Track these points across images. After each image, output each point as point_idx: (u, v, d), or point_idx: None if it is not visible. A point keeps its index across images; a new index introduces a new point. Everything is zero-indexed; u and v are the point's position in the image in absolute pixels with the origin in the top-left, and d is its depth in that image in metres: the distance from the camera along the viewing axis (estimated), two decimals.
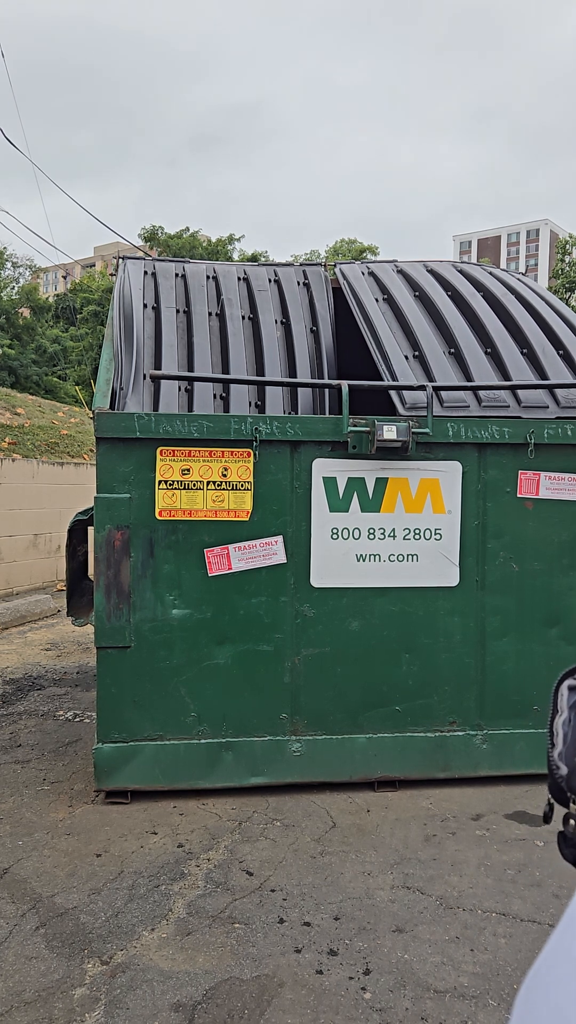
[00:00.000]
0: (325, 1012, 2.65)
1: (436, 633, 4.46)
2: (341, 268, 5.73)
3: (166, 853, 3.73)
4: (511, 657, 4.51)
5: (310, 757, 4.37)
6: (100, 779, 4.24)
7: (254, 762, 4.34)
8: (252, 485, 4.29)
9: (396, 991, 2.76)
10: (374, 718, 4.44)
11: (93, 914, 3.22)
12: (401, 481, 4.40)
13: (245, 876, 3.53)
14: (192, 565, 4.26)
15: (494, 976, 2.85)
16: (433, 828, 4.02)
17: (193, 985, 2.78)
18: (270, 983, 2.80)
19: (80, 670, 7.15)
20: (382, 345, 4.92)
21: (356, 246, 50.20)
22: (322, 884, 3.47)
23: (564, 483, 4.53)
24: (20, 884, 3.46)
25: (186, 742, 4.29)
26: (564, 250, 38.08)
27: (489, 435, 4.41)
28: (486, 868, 3.62)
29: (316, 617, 4.37)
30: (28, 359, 35.17)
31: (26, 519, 10.86)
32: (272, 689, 4.35)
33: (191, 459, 4.24)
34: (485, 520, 4.49)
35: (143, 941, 3.05)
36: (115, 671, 4.23)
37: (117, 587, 4.20)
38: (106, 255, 74.95)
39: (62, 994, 2.73)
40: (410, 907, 3.30)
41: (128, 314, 4.98)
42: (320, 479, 4.35)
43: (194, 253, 44.84)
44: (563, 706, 0.80)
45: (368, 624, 4.41)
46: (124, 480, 4.20)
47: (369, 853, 3.75)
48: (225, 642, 4.31)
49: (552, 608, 4.54)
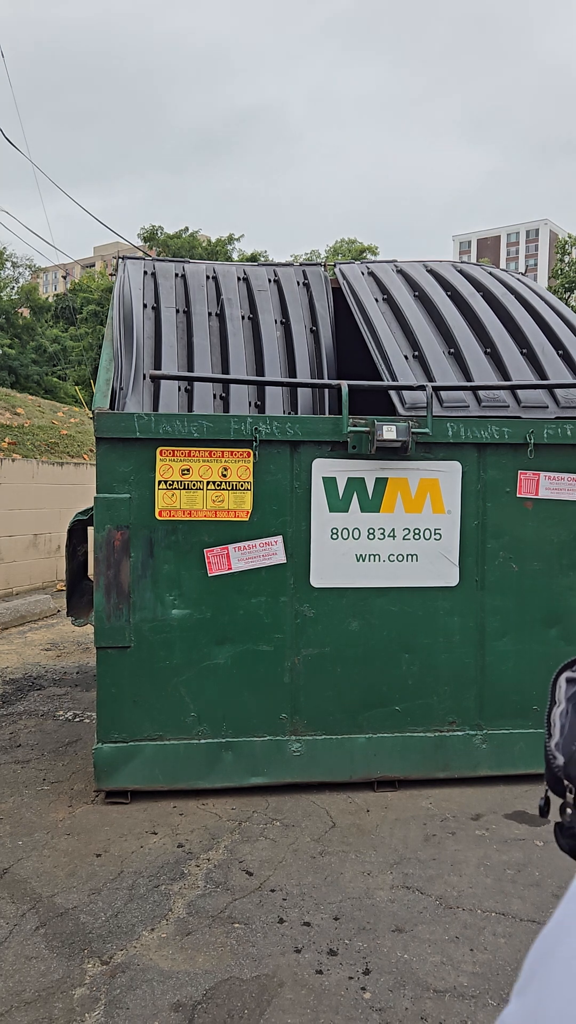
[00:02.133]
0: (325, 1012, 2.65)
1: (436, 633, 4.47)
2: (341, 268, 5.73)
3: (166, 853, 3.74)
4: (511, 657, 4.51)
5: (310, 757, 4.37)
6: (100, 779, 4.24)
7: (254, 762, 4.34)
8: (252, 485, 4.29)
9: (396, 991, 2.76)
10: (374, 718, 4.44)
11: (93, 914, 3.23)
12: (401, 481, 4.40)
13: (245, 876, 3.53)
14: (192, 565, 4.26)
15: (494, 976, 2.85)
16: (433, 828, 4.03)
17: (193, 985, 2.78)
18: (270, 983, 2.80)
19: (80, 670, 7.15)
20: (382, 345, 4.93)
21: (356, 246, 50.19)
22: (322, 884, 3.47)
23: (564, 483, 4.53)
24: (20, 884, 3.46)
25: (186, 742, 4.29)
26: (563, 250, 38.09)
27: (489, 435, 4.41)
28: (486, 868, 3.63)
29: (316, 617, 4.37)
30: (28, 359, 35.17)
31: (26, 519, 10.85)
32: (272, 689, 4.35)
33: (191, 459, 4.24)
34: (485, 520, 4.49)
35: (143, 941, 3.05)
36: (115, 671, 4.23)
37: (117, 587, 4.20)
38: (106, 255, 74.94)
39: (62, 994, 2.73)
40: (410, 907, 3.30)
41: (128, 314, 4.98)
42: (320, 479, 4.35)
43: (193, 253, 44.85)
44: (560, 697, 0.81)
45: (368, 624, 4.41)
46: (124, 480, 4.20)
47: (369, 853, 3.75)
48: (225, 642, 4.31)
49: (552, 608, 4.54)
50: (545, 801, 0.80)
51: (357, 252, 48.64)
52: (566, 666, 0.83)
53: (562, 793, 0.77)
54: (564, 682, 0.82)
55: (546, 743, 0.79)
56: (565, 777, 0.76)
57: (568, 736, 0.78)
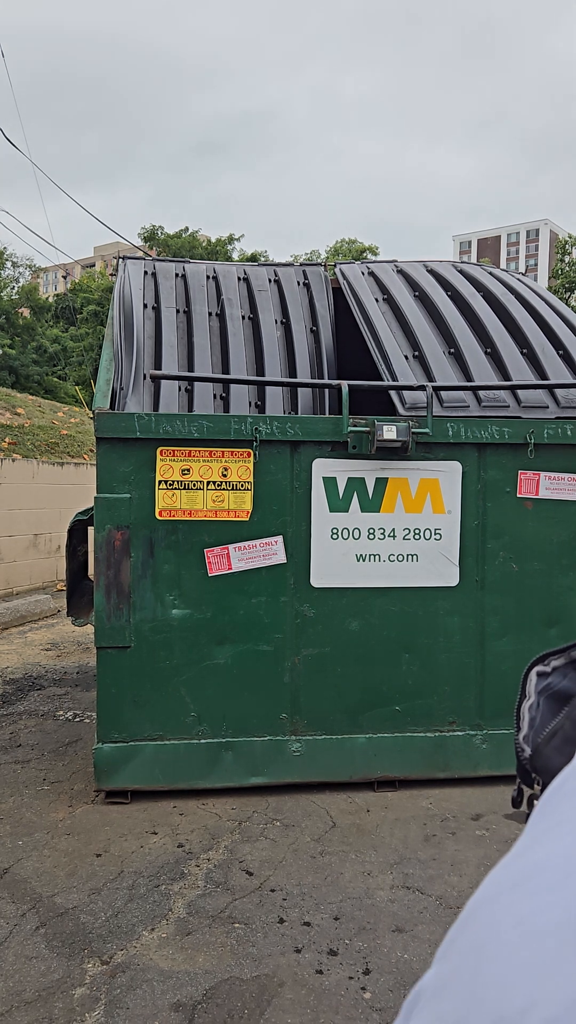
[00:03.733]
0: (325, 1012, 2.65)
1: (436, 633, 4.47)
2: (341, 268, 5.73)
3: (166, 853, 3.74)
4: (511, 657, 4.51)
5: (310, 757, 4.37)
6: (100, 779, 4.24)
7: (254, 762, 4.34)
8: (252, 485, 4.29)
9: (396, 991, 2.76)
10: (374, 718, 4.44)
11: (93, 914, 3.23)
12: (401, 481, 4.40)
13: (245, 876, 3.53)
14: (192, 565, 4.26)
15: None
16: (433, 828, 4.03)
17: (193, 985, 2.78)
18: (270, 983, 2.80)
19: (80, 670, 7.15)
20: (382, 345, 4.92)
21: (356, 246, 50.20)
22: (322, 884, 3.47)
23: (564, 483, 4.53)
24: (20, 884, 3.46)
25: (186, 742, 4.29)
26: (564, 250, 38.10)
27: (489, 435, 4.41)
28: (486, 868, 3.62)
29: (316, 617, 4.37)
30: (28, 359, 35.18)
31: (26, 519, 10.85)
32: (272, 689, 4.35)
33: (191, 459, 4.24)
34: (485, 520, 4.49)
35: (143, 941, 3.05)
36: (115, 671, 4.23)
37: (117, 587, 4.20)
38: (106, 255, 74.95)
39: (62, 994, 2.73)
40: (410, 907, 3.30)
41: (128, 314, 4.98)
42: (320, 479, 4.35)
43: (193, 253, 44.86)
44: (531, 691, 0.82)
45: (368, 624, 4.41)
46: (124, 480, 4.20)
47: (369, 853, 3.75)
48: (225, 642, 4.31)
49: (552, 608, 4.54)
50: (518, 792, 0.82)
51: (357, 252, 48.64)
52: (537, 660, 0.84)
53: (531, 784, 0.78)
54: (535, 676, 0.83)
55: (515, 736, 0.80)
56: (532, 769, 0.77)
57: (537, 729, 0.79)
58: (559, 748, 0.74)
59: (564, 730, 0.75)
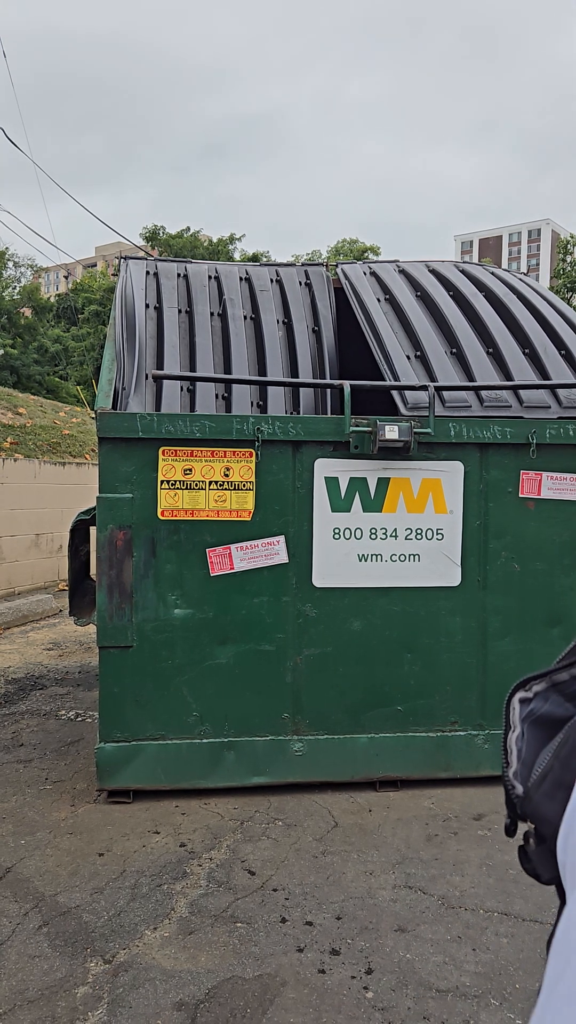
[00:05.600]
0: (327, 1011, 2.65)
1: (438, 633, 4.47)
2: (343, 268, 5.73)
3: (168, 852, 3.74)
4: (513, 657, 4.51)
5: (312, 757, 4.38)
6: (102, 778, 4.25)
7: (256, 762, 4.34)
8: (254, 485, 4.29)
9: (398, 990, 2.76)
10: (376, 718, 4.44)
11: (96, 913, 3.23)
12: (403, 481, 4.40)
13: (247, 875, 3.53)
14: (194, 565, 4.27)
15: (496, 976, 2.85)
16: (435, 828, 4.03)
17: (195, 984, 2.78)
18: (272, 982, 2.80)
19: (82, 670, 7.15)
20: (384, 345, 4.93)
21: (358, 246, 50.17)
22: (324, 884, 3.47)
23: (566, 483, 4.53)
24: (23, 883, 3.47)
25: (188, 742, 4.30)
26: (565, 250, 38.07)
27: (491, 435, 4.41)
28: (488, 868, 3.63)
29: (318, 617, 4.37)
30: (30, 359, 35.21)
31: (28, 519, 10.86)
32: (274, 689, 4.35)
33: (193, 459, 4.25)
34: (487, 520, 4.49)
35: (145, 940, 3.05)
36: (117, 671, 4.24)
37: (119, 587, 4.20)
38: (108, 255, 74.97)
39: (65, 993, 2.74)
40: (412, 907, 3.30)
41: (130, 314, 4.99)
42: (322, 479, 4.35)
43: (195, 253, 44.84)
44: (515, 721, 0.77)
45: (370, 624, 4.41)
46: (126, 480, 4.20)
47: (371, 853, 3.75)
48: (227, 642, 4.31)
49: (554, 608, 4.54)
50: (511, 820, 0.78)
51: (359, 252, 48.61)
52: (518, 686, 0.79)
53: (524, 819, 0.75)
54: (517, 703, 0.79)
55: (504, 771, 0.76)
56: (523, 815, 0.74)
57: (526, 764, 0.75)
58: (549, 794, 0.71)
59: (554, 772, 0.71)
